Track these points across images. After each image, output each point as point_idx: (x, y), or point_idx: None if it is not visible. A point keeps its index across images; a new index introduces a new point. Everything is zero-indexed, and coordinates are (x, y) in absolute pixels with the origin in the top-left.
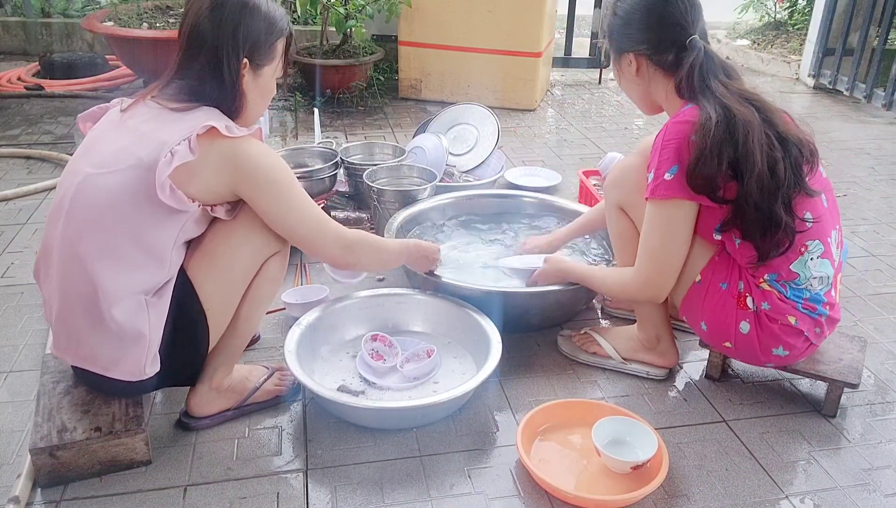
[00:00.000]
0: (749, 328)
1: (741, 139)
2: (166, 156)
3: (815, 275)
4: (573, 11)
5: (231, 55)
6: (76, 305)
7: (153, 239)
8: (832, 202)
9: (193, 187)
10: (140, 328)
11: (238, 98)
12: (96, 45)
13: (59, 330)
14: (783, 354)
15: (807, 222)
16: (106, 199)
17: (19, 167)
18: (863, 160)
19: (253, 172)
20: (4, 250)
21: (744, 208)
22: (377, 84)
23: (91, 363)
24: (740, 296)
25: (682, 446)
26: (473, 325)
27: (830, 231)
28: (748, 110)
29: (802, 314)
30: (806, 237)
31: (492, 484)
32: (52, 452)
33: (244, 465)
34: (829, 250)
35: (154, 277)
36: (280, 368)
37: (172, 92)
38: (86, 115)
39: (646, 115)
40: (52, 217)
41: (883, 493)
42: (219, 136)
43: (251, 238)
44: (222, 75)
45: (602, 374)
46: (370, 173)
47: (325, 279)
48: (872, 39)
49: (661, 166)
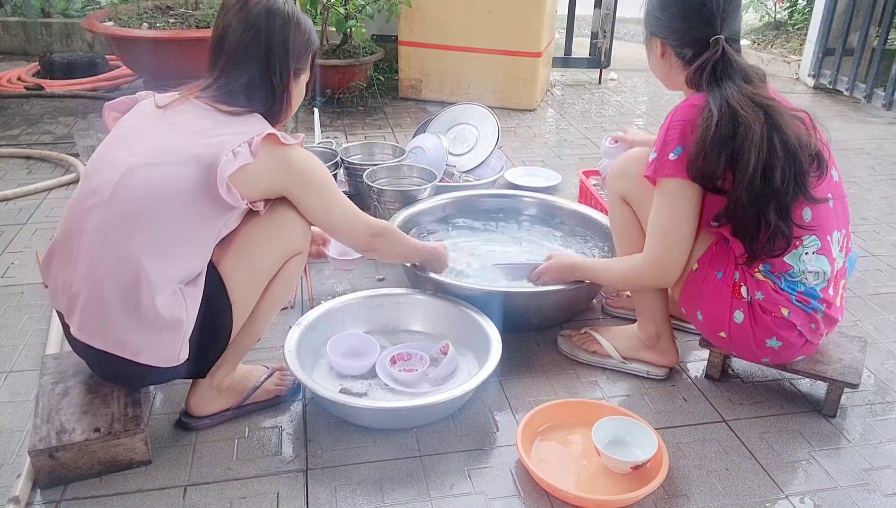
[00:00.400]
0: (743, 317)
1: (738, 141)
2: (228, 156)
3: (811, 270)
4: (573, 11)
5: (283, 66)
6: (112, 292)
7: (199, 232)
8: (841, 205)
9: (246, 187)
10: (179, 316)
11: (287, 108)
12: (96, 45)
13: (86, 316)
14: (777, 345)
15: (804, 220)
16: (156, 190)
17: (19, 167)
18: (863, 160)
19: (305, 176)
20: (4, 250)
21: (734, 207)
22: (377, 84)
23: (121, 349)
24: (735, 285)
25: (682, 446)
26: (473, 325)
27: (832, 231)
28: (753, 115)
29: (796, 307)
30: (802, 232)
31: (492, 484)
32: (52, 453)
33: (244, 465)
34: (827, 247)
35: (193, 267)
36: (280, 368)
37: (218, 94)
38: (113, 104)
39: (668, 89)
40: (83, 205)
41: (883, 493)
42: (277, 142)
43: (280, 235)
44: (272, 84)
45: (602, 374)
46: (370, 173)
47: (324, 280)
48: (872, 39)
49: (667, 146)
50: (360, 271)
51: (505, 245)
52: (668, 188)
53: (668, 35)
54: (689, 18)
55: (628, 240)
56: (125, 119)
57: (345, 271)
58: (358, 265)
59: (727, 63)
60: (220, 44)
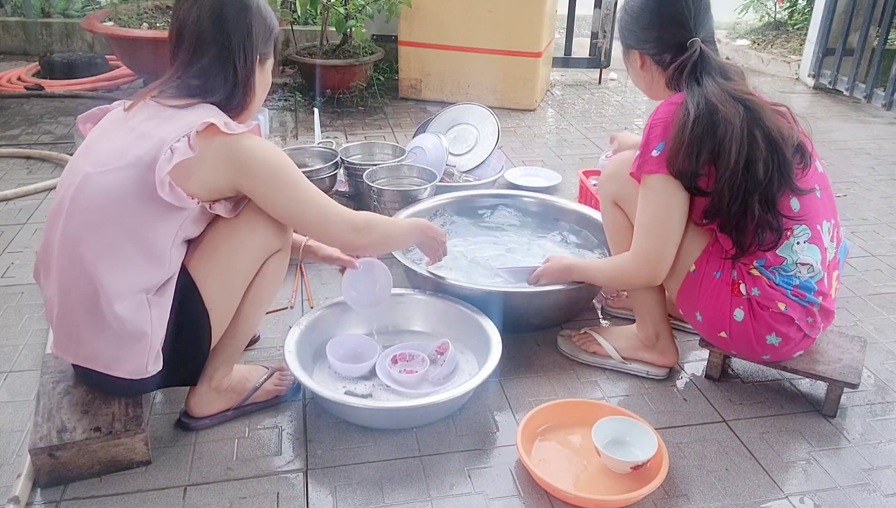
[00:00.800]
0: (743, 315)
1: (719, 137)
2: (166, 153)
3: (803, 261)
4: (573, 11)
5: (246, 54)
6: (77, 304)
7: (152, 238)
8: (827, 195)
9: (192, 184)
10: (142, 327)
11: (249, 95)
12: (96, 45)
13: (60, 329)
14: (776, 342)
15: (793, 211)
16: (105, 198)
17: (19, 167)
18: (863, 160)
19: (255, 167)
20: (4, 250)
21: (719, 201)
22: (377, 84)
23: (92, 362)
24: (734, 283)
25: (682, 446)
26: (473, 325)
27: (822, 220)
28: (733, 109)
29: (792, 302)
30: (792, 222)
31: (492, 484)
32: (52, 452)
33: (244, 465)
34: (817, 236)
35: (154, 275)
36: (280, 368)
37: (173, 91)
38: (86, 116)
39: (652, 100)
40: (52, 217)
41: (883, 493)
42: (218, 132)
43: (253, 236)
44: (233, 73)
45: (602, 374)
46: (370, 173)
47: (325, 280)
48: (872, 39)
49: (650, 143)
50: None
51: (504, 245)
52: (651, 184)
53: (645, 45)
54: (664, 25)
55: (621, 242)
56: (95, 128)
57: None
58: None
59: (705, 62)
60: (178, 38)
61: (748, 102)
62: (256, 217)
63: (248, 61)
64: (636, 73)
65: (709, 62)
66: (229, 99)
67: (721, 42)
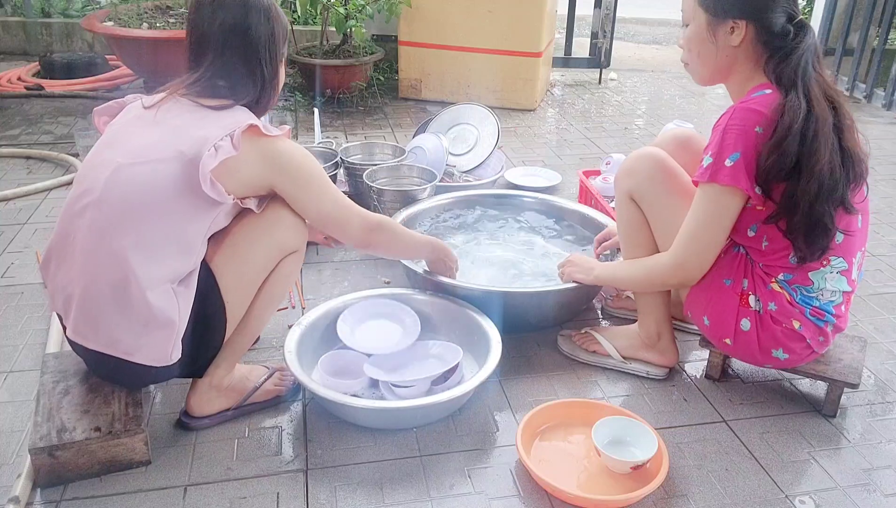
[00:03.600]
0: (750, 325)
1: (811, 135)
2: (210, 150)
3: (830, 289)
4: (573, 11)
5: (271, 56)
6: (104, 291)
7: (187, 229)
8: (866, 224)
9: (231, 181)
10: (170, 315)
11: (275, 95)
12: (96, 45)
13: (80, 316)
14: (783, 357)
15: (836, 241)
16: (142, 188)
17: (19, 167)
18: None
19: (291, 168)
20: (4, 250)
21: (796, 206)
22: (377, 84)
23: (113, 348)
24: (743, 294)
25: (682, 446)
26: (473, 325)
27: (857, 252)
28: (826, 108)
29: (808, 321)
30: (832, 253)
31: (492, 484)
32: (52, 452)
33: (244, 465)
34: (850, 268)
35: (183, 266)
36: (280, 368)
37: (202, 89)
38: (102, 109)
39: (698, 83)
40: (75, 208)
41: (883, 493)
42: (259, 134)
43: (271, 233)
44: (260, 74)
45: (602, 374)
46: (370, 173)
47: (324, 280)
48: (872, 39)
49: (724, 151)
50: (363, 271)
51: (504, 246)
52: (713, 193)
53: (754, 14)
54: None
55: (636, 239)
56: (115, 122)
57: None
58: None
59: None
60: (201, 41)
61: (835, 102)
62: (277, 214)
63: (273, 63)
64: (718, 48)
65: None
66: (259, 100)
67: None
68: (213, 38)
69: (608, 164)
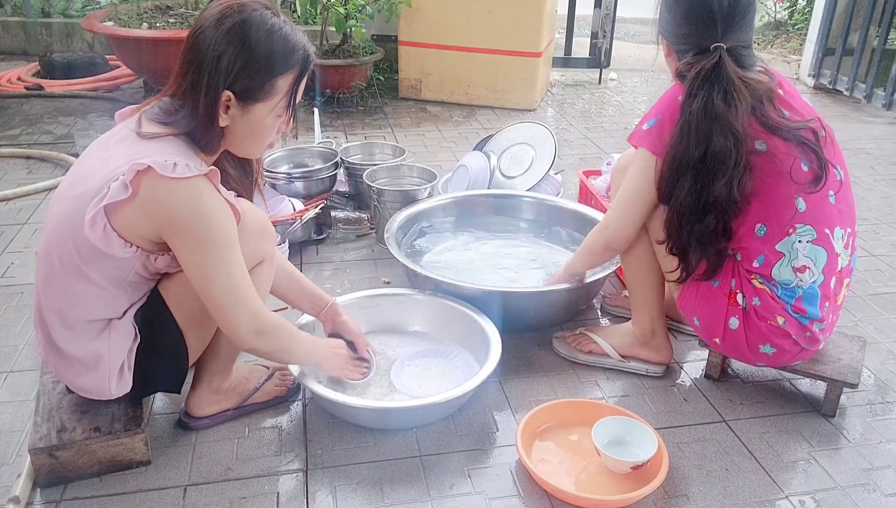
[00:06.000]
0: (738, 324)
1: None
2: (104, 190)
3: (804, 261)
4: (573, 11)
5: (210, 84)
6: (41, 326)
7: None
8: (846, 203)
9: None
10: (96, 354)
11: (210, 132)
12: (96, 45)
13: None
14: (770, 352)
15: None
16: (59, 225)
17: (19, 167)
18: (863, 160)
19: (181, 218)
20: (4, 250)
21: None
22: (377, 84)
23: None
24: (731, 293)
25: (682, 446)
26: (473, 325)
27: (834, 226)
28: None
29: (791, 317)
30: (796, 220)
31: (492, 484)
32: (52, 452)
33: (244, 465)
34: (825, 239)
35: (107, 309)
36: (280, 368)
37: (156, 111)
38: (121, 113)
39: None
40: None
41: (883, 493)
42: (155, 175)
43: None
44: (198, 103)
45: (602, 374)
46: (370, 173)
47: (324, 281)
48: (872, 39)
49: (646, 118)
50: (362, 271)
51: (505, 245)
52: (637, 158)
53: (671, 37)
54: (691, 24)
55: None
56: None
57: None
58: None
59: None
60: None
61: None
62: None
63: (211, 94)
64: (664, 57)
65: (724, 74)
66: (195, 132)
67: None
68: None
69: (609, 164)
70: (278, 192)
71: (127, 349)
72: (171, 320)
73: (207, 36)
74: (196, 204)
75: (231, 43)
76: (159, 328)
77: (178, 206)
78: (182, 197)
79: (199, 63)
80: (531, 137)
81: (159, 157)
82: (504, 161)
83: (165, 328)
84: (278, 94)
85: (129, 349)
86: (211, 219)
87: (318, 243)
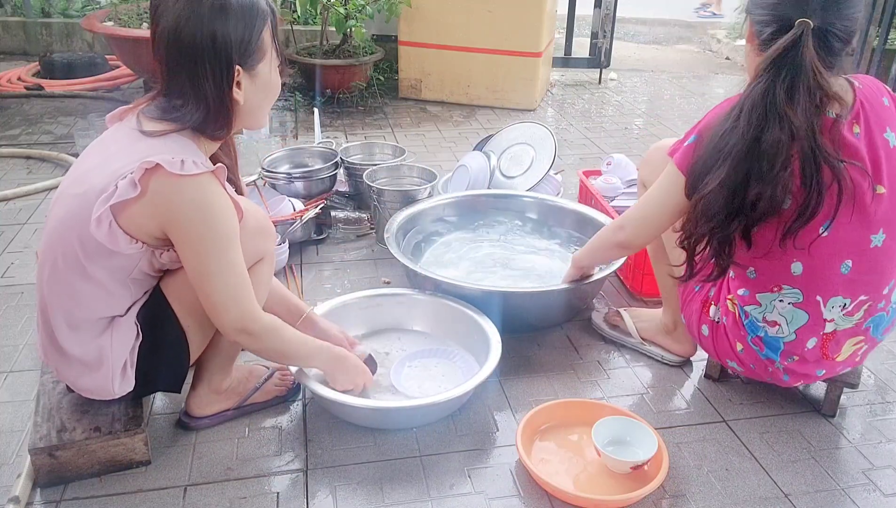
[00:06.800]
0: (708, 332)
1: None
2: (111, 189)
3: (779, 319)
4: (573, 11)
5: (215, 69)
6: (43, 326)
7: (102, 272)
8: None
9: (133, 226)
10: (100, 353)
11: (223, 116)
12: (96, 45)
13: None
14: (738, 369)
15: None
16: (62, 224)
17: (19, 167)
18: None
19: (188, 212)
20: (4, 250)
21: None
22: (377, 84)
23: (62, 379)
24: (707, 301)
25: (682, 446)
26: (473, 325)
27: (829, 295)
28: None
29: (749, 347)
30: (785, 282)
31: (492, 484)
32: (52, 452)
33: (244, 465)
34: (811, 304)
35: (109, 308)
36: (280, 368)
37: (155, 109)
38: (113, 115)
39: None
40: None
41: (883, 493)
42: (164, 173)
43: None
44: (203, 95)
45: (602, 374)
46: (370, 173)
47: (324, 281)
48: (872, 39)
49: (689, 133)
50: (362, 271)
51: (504, 246)
52: (668, 169)
53: (754, 7)
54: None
55: None
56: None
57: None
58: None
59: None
60: (155, 48)
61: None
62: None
63: (218, 77)
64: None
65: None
66: (205, 122)
67: (721, 42)
68: (158, 47)
69: (609, 164)
70: (278, 192)
71: (129, 348)
72: (172, 317)
73: (189, 26)
74: (202, 200)
75: (217, 20)
76: (161, 325)
77: (185, 202)
78: (190, 193)
79: (190, 56)
80: (531, 137)
81: (167, 154)
82: (504, 161)
83: (167, 326)
84: (269, 46)
85: (132, 348)
86: (216, 215)
87: (318, 243)
